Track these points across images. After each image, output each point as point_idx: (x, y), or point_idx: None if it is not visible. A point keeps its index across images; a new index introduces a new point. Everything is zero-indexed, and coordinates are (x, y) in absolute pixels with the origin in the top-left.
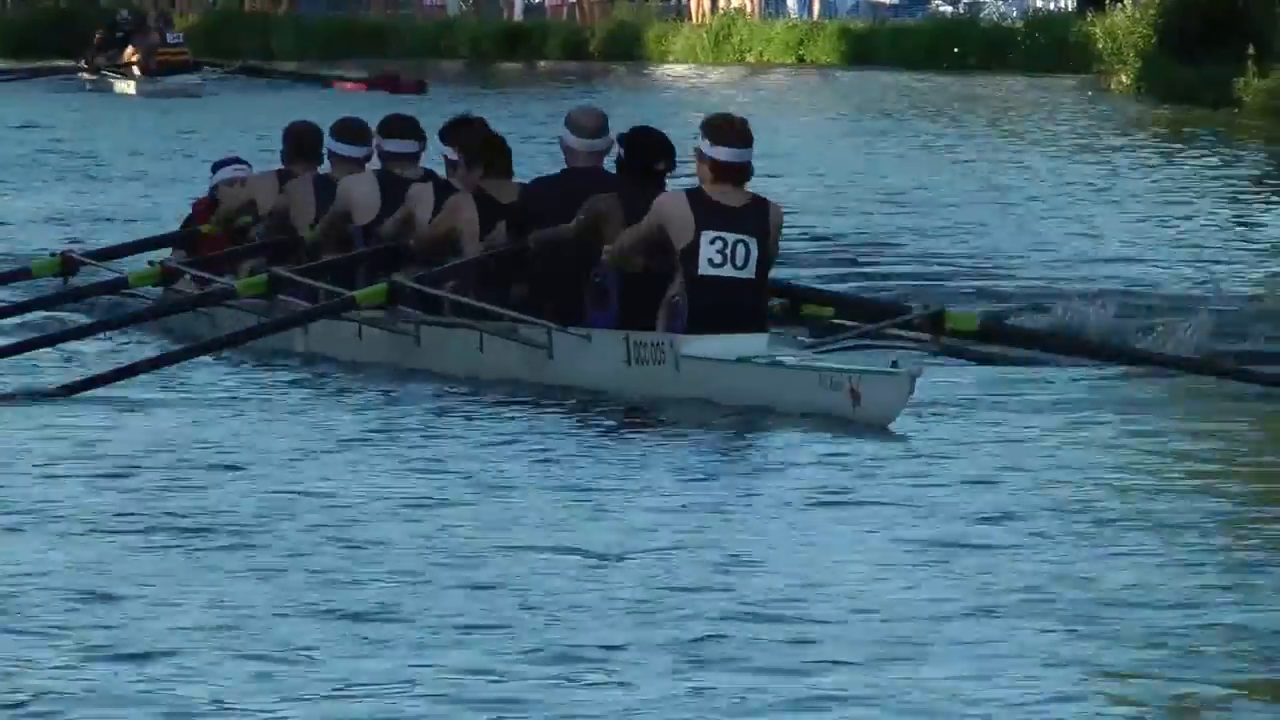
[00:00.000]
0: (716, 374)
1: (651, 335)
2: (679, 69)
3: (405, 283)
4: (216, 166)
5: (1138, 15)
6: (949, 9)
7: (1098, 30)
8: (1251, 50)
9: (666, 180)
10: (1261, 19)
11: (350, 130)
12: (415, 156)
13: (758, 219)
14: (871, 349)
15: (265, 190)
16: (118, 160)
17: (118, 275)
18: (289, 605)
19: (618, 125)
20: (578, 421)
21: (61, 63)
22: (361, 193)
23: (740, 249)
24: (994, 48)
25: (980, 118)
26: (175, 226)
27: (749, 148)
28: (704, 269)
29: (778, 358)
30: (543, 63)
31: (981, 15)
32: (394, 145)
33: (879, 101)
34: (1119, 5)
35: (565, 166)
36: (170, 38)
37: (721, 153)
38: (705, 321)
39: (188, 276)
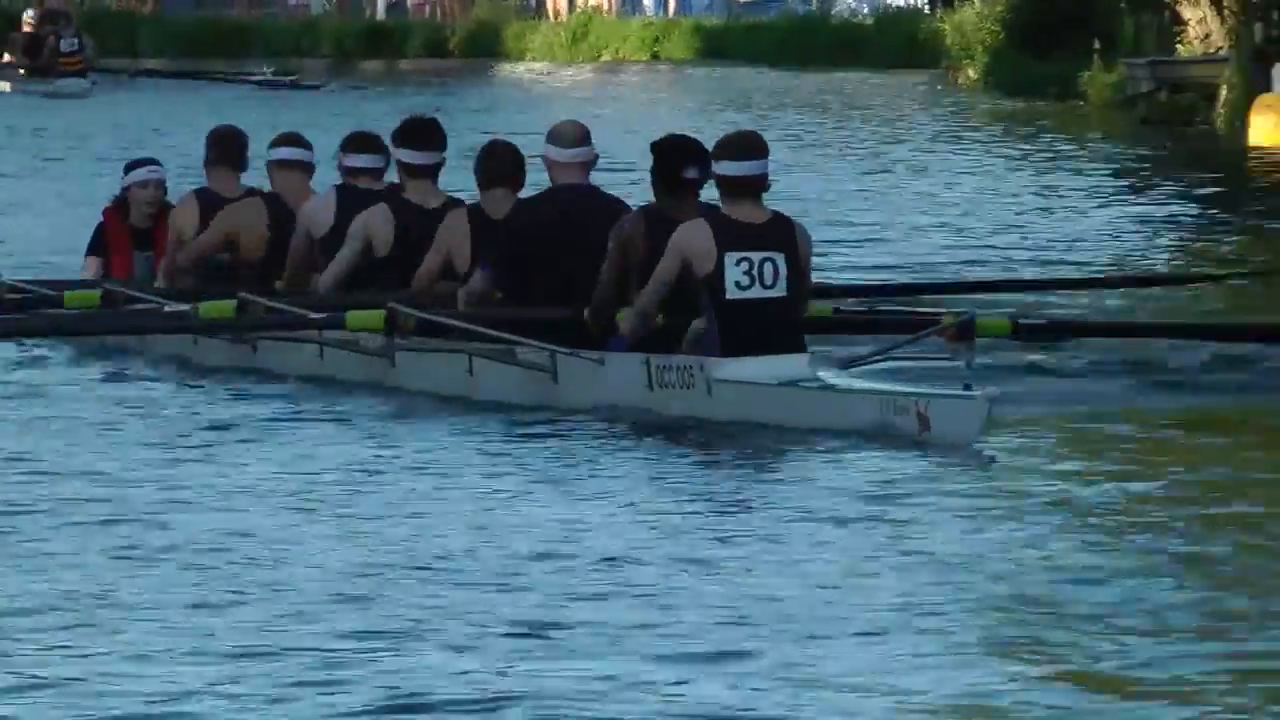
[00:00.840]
0: (760, 399)
1: (677, 358)
2: (537, 66)
3: (404, 309)
4: (129, 167)
5: (986, 11)
6: (801, 6)
7: (947, 26)
8: (1096, 45)
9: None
10: (1107, 14)
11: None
12: (378, 172)
13: (783, 234)
14: (904, 359)
15: (188, 216)
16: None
17: (52, 294)
18: (279, 651)
19: (476, 122)
20: (594, 442)
21: None
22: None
23: (768, 267)
24: (846, 44)
25: (829, 111)
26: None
27: (761, 159)
28: (731, 293)
29: (825, 379)
30: (404, 61)
31: (833, 12)
32: (357, 160)
33: (731, 96)
34: (968, 2)
35: (551, 183)
36: (65, 45)
37: (727, 167)
38: (738, 346)
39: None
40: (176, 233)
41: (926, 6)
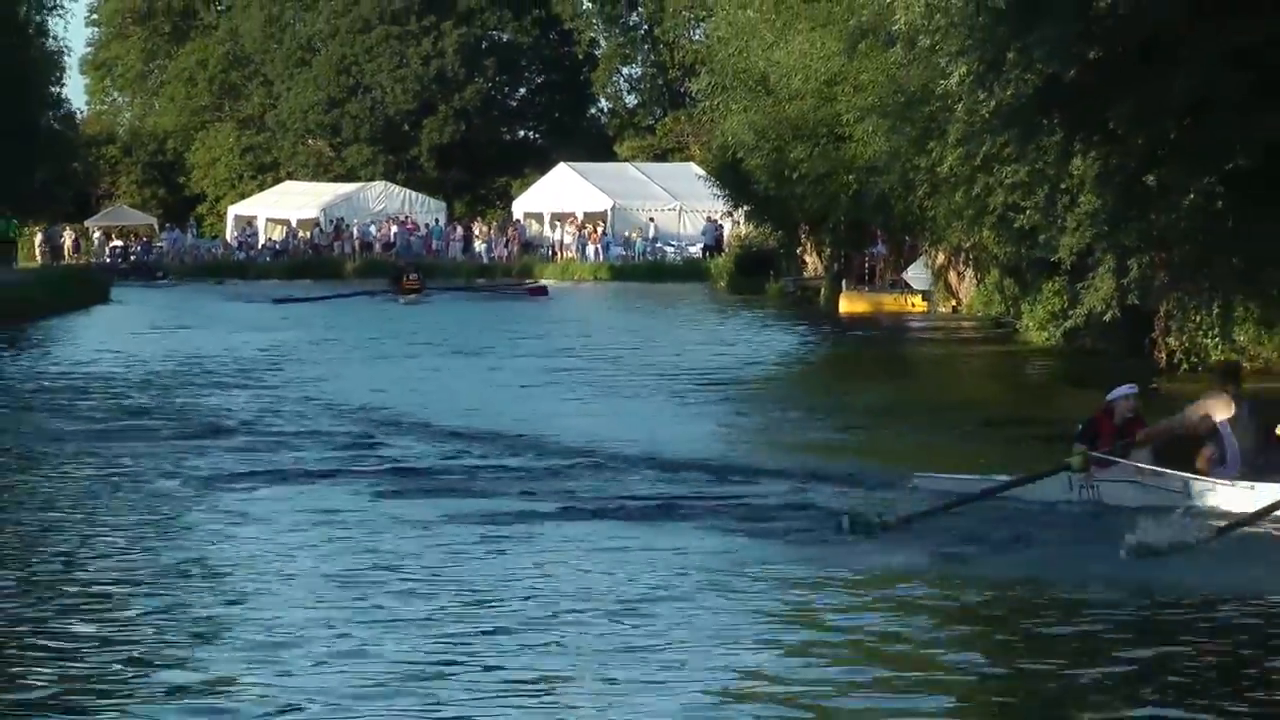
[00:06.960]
0: None
1: None
2: (550, 284)
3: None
4: (1110, 388)
5: (727, 260)
6: (653, 257)
7: (712, 265)
8: (772, 271)
9: None
10: (777, 260)
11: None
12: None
13: None
14: None
15: (1216, 408)
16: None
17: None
18: None
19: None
20: None
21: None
22: None
23: None
24: (669, 271)
25: (659, 302)
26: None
27: None
28: None
29: None
30: (489, 279)
31: (666, 259)
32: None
33: (631, 299)
34: (722, 252)
35: None
36: (411, 277)
37: None
38: None
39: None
40: (1205, 414)
41: (703, 255)
